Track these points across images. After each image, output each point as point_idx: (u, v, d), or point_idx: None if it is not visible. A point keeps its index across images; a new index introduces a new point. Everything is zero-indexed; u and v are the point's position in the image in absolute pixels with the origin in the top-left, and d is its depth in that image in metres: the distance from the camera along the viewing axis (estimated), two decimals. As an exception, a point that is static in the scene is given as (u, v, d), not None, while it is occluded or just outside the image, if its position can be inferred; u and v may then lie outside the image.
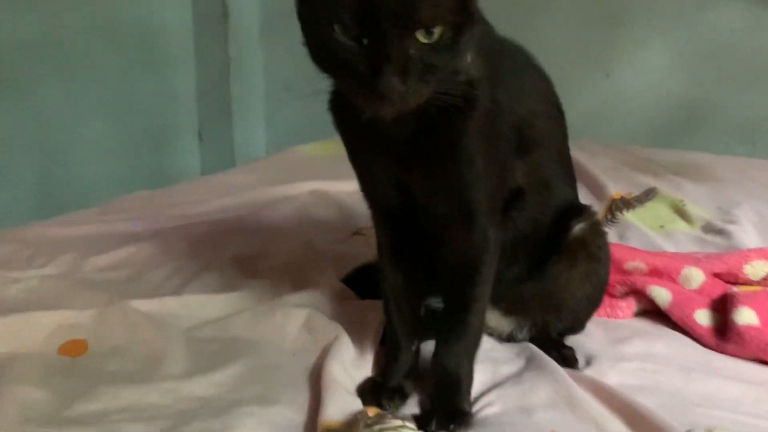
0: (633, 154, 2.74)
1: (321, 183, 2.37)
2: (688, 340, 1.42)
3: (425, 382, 1.25)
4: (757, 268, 1.60)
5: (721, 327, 1.41)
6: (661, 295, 1.48)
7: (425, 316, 1.35)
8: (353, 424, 1.08)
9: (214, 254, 1.79)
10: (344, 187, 2.18)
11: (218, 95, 3.73)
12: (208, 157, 3.78)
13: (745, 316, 1.39)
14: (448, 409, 1.16)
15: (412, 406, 1.23)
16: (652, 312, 1.51)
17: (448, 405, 1.18)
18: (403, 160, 1.15)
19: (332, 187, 2.32)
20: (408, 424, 1.09)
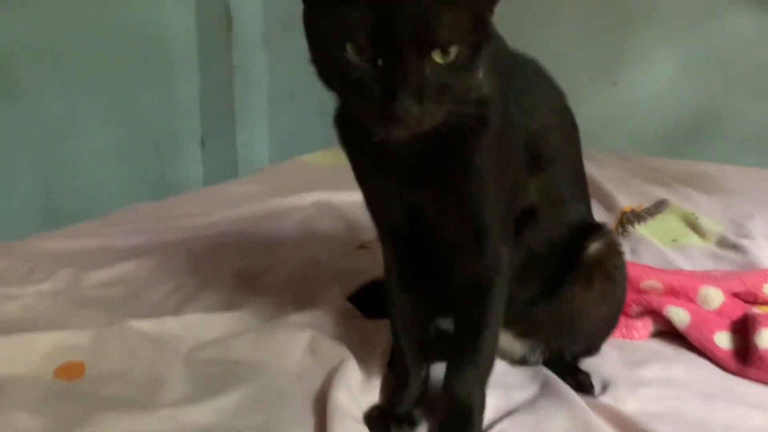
0: (642, 164, 2.71)
1: (325, 194, 2.33)
2: (708, 364, 1.37)
3: (435, 409, 1.20)
4: (777, 288, 1.55)
5: (742, 350, 1.36)
6: (679, 315, 1.43)
7: (435, 336, 1.30)
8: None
9: (216, 270, 1.75)
10: (349, 197, 2.14)
11: (222, 103, 3.71)
12: (211, 165, 3.75)
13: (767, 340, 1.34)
14: (459, 439, 1.12)
15: (422, 435, 1.18)
16: (669, 332, 1.46)
17: (460, 434, 1.13)
18: (412, 180, 1.11)
19: (337, 198, 2.28)
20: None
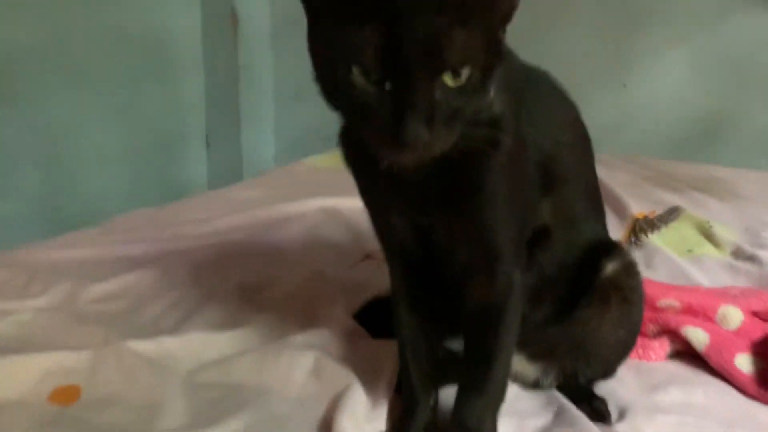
0: (653, 169, 2.66)
1: (331, 200, 2.28)
2: (729, 388, 1.31)
3: (444, 438, 1.15)
4: (797, 307, 1.50)
5: (764, 374, 1.30)
6: (698, 336, 1.37)
7: (444, 357, 1.26)
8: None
9: (218, 282, 1.70)
10: (355, 203, 2.04)
11: (227, 103, 3.66)
12: (215, 165, 3.71)
13: (790, 363, 1.29)
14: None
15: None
16: (687, 353, 1.40)
17: (470, 466, 1.08)
18: (420, 202, 1.07)
19: (342, 204, 2.22)
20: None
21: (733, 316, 1.44)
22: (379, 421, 1.19)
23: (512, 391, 1.24)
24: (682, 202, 2.23)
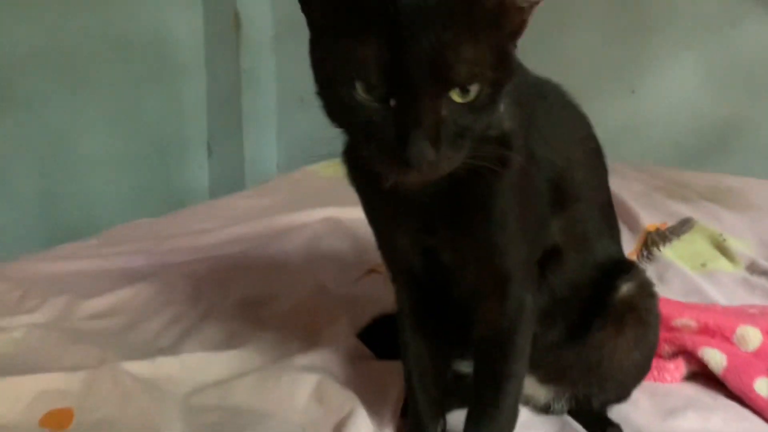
0: (663, 178, 2.59)
1: (334, 210, 2.23)
2: (749, 413, 1.25)
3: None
4: (816, 327, 1.44)
5: (785, 398, 1.25)
6: (715, 358, 1.32)
7: (452, 381, 1.21)
8: None
9: (217, 297, 1.66)
10: (359, 214, 2.01)
11: (229, 107, 3.61)
12: (217, 172, 3.67)
13: (811, 388, 1.23)
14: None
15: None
16: (703, 374, 1.35)
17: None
18: (427, 222, 1.03)
19: (346, 215, 2.17)
20: None
21: (752, 337, 1.39)
22: (384, 450, 1.15)
23: (522, 415, 1.19)
24: (694, 213, 2.17)
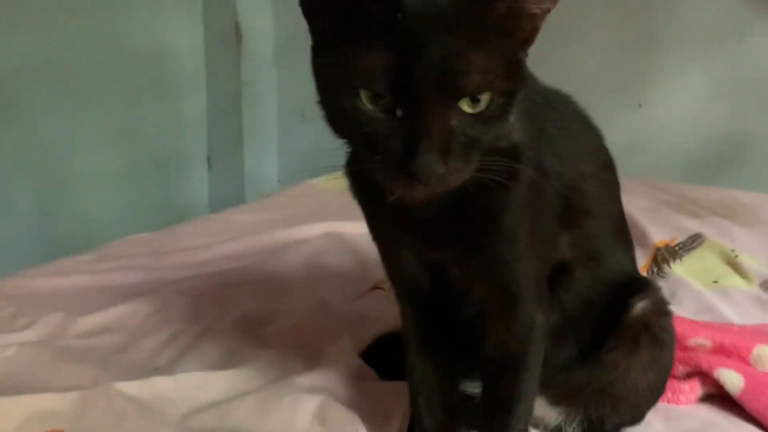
0: (671, 193, 2.55)
1: (336, 224, 2.18)
2: (769, 438, 1.21)
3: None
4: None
5: (806, 421, 1.21)
6: (732, 380, 1.27)
7: (459, 403, 1.17)
8: None
9: (216, 315, 1.61)
10: (362, 228, 1.97)
11: (229, 121, 3.57)
12: (217, 186, 3.63)
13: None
14: None
15: None
16: (719, 396, 1.30)
17: None
18: (434, 238, 0.99)
19: (348, 229, 2.13)
20: None
21: (770, 357, 1.34)
22: (388, 474, 1.11)
23: (533, 438, 1.15)
24: (704, 229, 2.13)
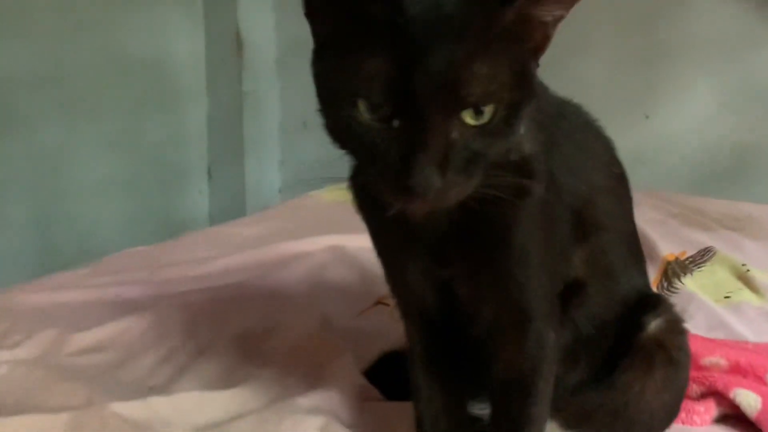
0: (680, 205, 2.51)
1: (339, 237, 2.14)
2: (787, 461, 1.17)
3: None
4: None
5: (825, 444, 1.16)
6: (749, 400, 1.23)
7: (467, 425, 1.13)
8: None
9: (215, 331, 1.56)
10: (365, 242, 1.94)
11: (231, 131, 3.55)
12: (217, 198, 3.60)
13: None
14: None
15: None
16: (735, 416, 1.26)
17: None
18: (441, 254, 0.96)
19: (351, 243, 2.08)
20: None
21: (787, 377, 1.30)
22: (393, 500, 1.06)
23: (543, 464, 1.11)
24: (714, 242, 2.09)
